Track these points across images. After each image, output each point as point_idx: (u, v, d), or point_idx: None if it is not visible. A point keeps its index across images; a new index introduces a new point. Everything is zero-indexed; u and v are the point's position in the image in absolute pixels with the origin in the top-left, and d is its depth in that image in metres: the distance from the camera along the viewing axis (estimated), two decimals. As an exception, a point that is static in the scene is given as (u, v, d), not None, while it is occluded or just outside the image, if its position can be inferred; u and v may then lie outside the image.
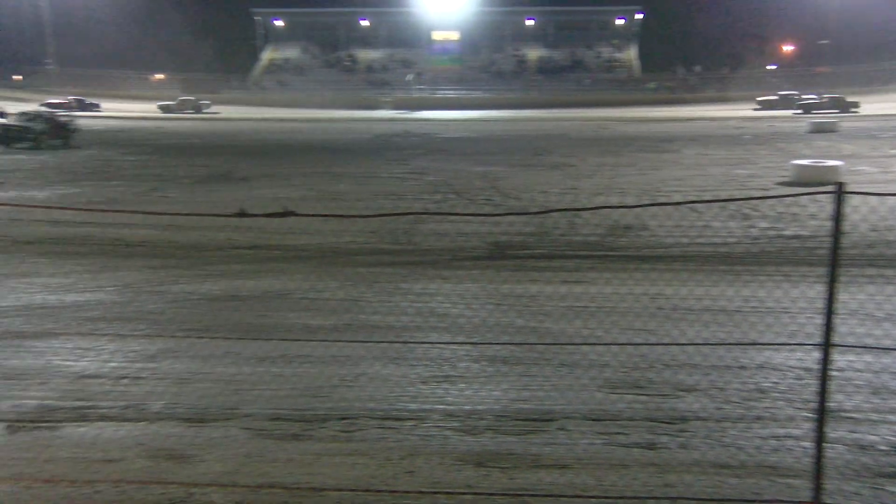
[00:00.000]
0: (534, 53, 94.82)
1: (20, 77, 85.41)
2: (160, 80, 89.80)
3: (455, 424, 7.44)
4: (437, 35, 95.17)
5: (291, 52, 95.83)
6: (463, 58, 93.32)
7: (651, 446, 6.94)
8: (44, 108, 37.40)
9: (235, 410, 7.73)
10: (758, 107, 65.64)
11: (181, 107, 62.20)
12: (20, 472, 6.48)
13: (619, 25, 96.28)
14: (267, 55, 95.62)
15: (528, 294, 11.76)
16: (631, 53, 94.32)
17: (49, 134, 34.16)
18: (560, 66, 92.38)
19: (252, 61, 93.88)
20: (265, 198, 20.84)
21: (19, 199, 19.70)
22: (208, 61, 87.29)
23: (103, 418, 7.54)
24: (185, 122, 51.10)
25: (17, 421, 7.45)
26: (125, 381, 8.44)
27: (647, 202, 18.41)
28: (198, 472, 6.51)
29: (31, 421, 7.46)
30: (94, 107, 61.78)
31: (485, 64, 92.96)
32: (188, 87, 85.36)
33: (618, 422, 7.43)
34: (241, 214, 4.63)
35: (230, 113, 61.29)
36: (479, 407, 7.80)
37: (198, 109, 63.04)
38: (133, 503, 6.03)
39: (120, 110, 58.51)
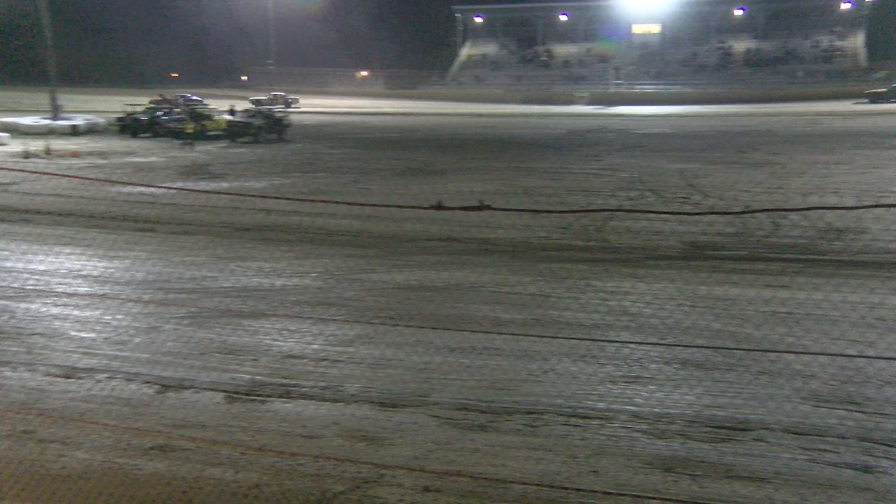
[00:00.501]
0: (740, 45, 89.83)
1: (246, 77, 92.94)
2: (364, 76, 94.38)
3: (643, 427, 7.24)
4: (637, 28, 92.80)
5: (489, 48, 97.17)
6: (662, 51, 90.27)
7: (867, 469, 6.38)
8: (253, 105, 40.49)
9: (425, 398, 7.98)
10: None
11: (272, 101, 64.21)
12: (235, 438, 7.07)
13: (844, 11, 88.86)
14: (465, 51, 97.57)
15: (727, 297, 11.19)
16: (857, 41, 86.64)
17: (266, 129, 36.93)
18: (770, 57, 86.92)
19: (451, 57, 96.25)
20: (460, 191, 21.27)
21: (239, 189, 21.43)
22: (411, 58, 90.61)
23: (305, 396, 8.06)
24: (386, 118, 53.28)
25: (234, 392, 8.14)
26: (325, 363, 8.96)
27: (869, 203, 16.89)
28: (388, 455, 6.79)
29: (245, 394, 8.11)
30: (294, 102, 64.79)
31: (686, 57, 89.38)
32: (390, 83, 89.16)
33: (825, 438, 6.90)
34: (438, 207, 4.73)
35: (417, 108, 63.09)
36: (670, 411, 7.54)
37: (287, 104, 64.60)
38: (329, 478, 6.40)
39: (326, 106, 61.97)
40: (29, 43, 56.76)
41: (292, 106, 61.17)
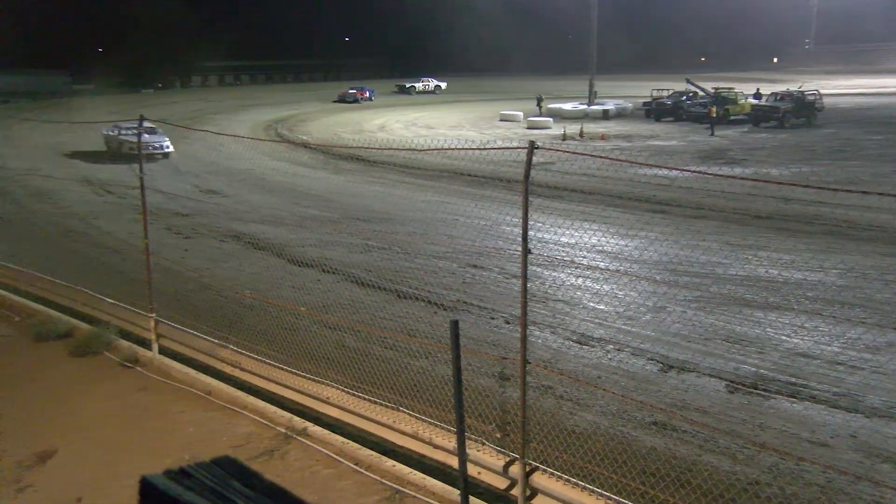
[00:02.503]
0: None
1: (776, 60, 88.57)
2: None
3: None
4: None
5: None
6: None
7: None
8: (791, 89, 37.92)
9: (966, 426, 6.81)
10: None
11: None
12: (735, 429, 6.92)
13: None
14: None
15: None
16: None
17: (794, 113, 34.82)
18: None
19: None
20: None
21: (758, 175, 20.68)
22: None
23: (815, 399, 7.50)
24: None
25: (736, 382, 7.96)
26: (841, 367, 8.20)
27: None
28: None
29: (748, 385, 7.87)
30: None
31: None
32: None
33: None
34: None
35: None
36: None
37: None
38: (840, 493, 5.87)
39: (871, 87, 55.74)
40: (575, 36, 62.27)
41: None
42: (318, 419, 6.71)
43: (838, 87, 49.41)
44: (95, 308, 9.34)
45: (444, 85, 68.42)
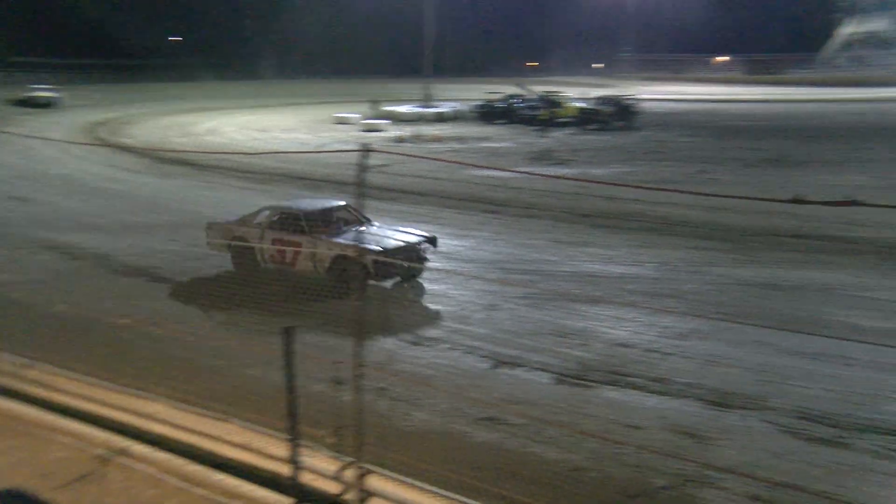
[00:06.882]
0: None
1: (601, 65, 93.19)
2: (721, 62, 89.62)
3: None
4: None
5: (878, 24, 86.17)
6: None
7: None
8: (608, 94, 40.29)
9: (761, 402, 7.49)
10: None
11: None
12: (560, 419, 7.26)
13: None
14: (847, 30, 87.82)
15: None
16: None
17: (616, 116, 36.93)
18: None
19: (824, 39, 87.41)
20: (821, 184, 19.47)
21: (582, 176, 21.75)
22: (773, 41, 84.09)
23: (632, 386, 7.99)
24: (742, 105, 50.25)
25: (562, 374, 8.34)
26: (656, 354, 8.79)
27: None
28: (715, 456, 6.49)
29: (573, 377, 8.27)
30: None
31: None
32: (750, 68, 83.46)
33: None
34: (796, 201, 4.35)
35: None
36: None
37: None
38: (651, 471, 6.29)
39: (679, 93, 59.96)
40: (410, 38, 62.69)
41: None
42: (142, 437, 6.39)
43: (654, 93, 52.74)
44: None
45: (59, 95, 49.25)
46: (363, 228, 11.12)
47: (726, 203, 15.71)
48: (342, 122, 39.41)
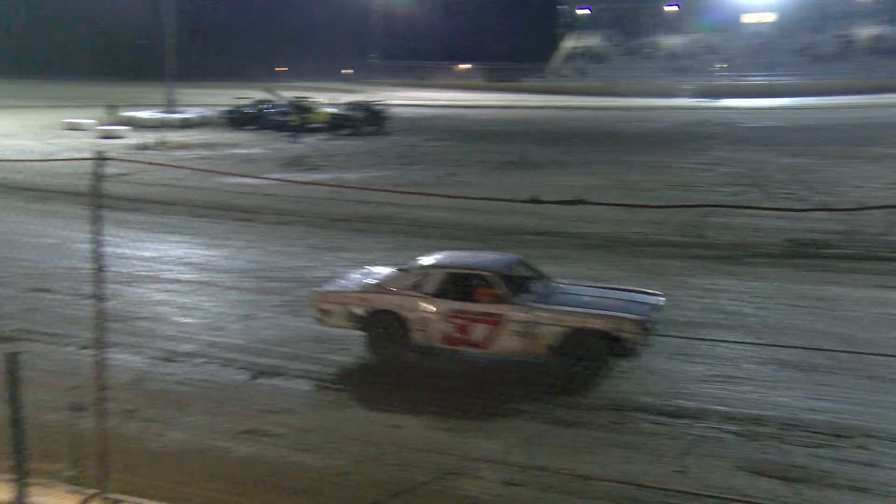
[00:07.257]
0: (865, 32, 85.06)
1: (351, 71, 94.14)
2: (465, 69, 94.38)
3: (734, 428, 7.02)
4: (748, 18, 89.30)
5: (593, 40, 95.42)
6: (775, 41, 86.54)
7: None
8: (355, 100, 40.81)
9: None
10: None
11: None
12: (323, 425, 7.24)
13: None
14: (568, 44, 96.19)
15: (830, 297, 10.70)
16: None
17: (367, 122, 37.49)
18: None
19: (552, 51, 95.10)
20: (556, 185, 21.07)
21: (335, 181, 21.87)
22: (512, 51, 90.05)
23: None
24: (485, 111, 53.17)
25: (322, 380, 8.33)
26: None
27: None
28: (470, 448, 6.82)
29: (332, 382, 8.29)
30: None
31: (802, 47, 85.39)
32: (491, 75, 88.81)
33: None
34: (533, 201, 4.69)
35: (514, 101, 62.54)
36: (764, 413, 7.27)
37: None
38: (412, 467, 6.47)
39: (426, 99, 62.18)
40: (151, 41, 59.22)
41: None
42: None
43: (402, 99, 54.27)
44: None
45: None
46: (552, 286, 8.81)
47: (474, 204, 16.53)
48: (74, 127, 36.28)
